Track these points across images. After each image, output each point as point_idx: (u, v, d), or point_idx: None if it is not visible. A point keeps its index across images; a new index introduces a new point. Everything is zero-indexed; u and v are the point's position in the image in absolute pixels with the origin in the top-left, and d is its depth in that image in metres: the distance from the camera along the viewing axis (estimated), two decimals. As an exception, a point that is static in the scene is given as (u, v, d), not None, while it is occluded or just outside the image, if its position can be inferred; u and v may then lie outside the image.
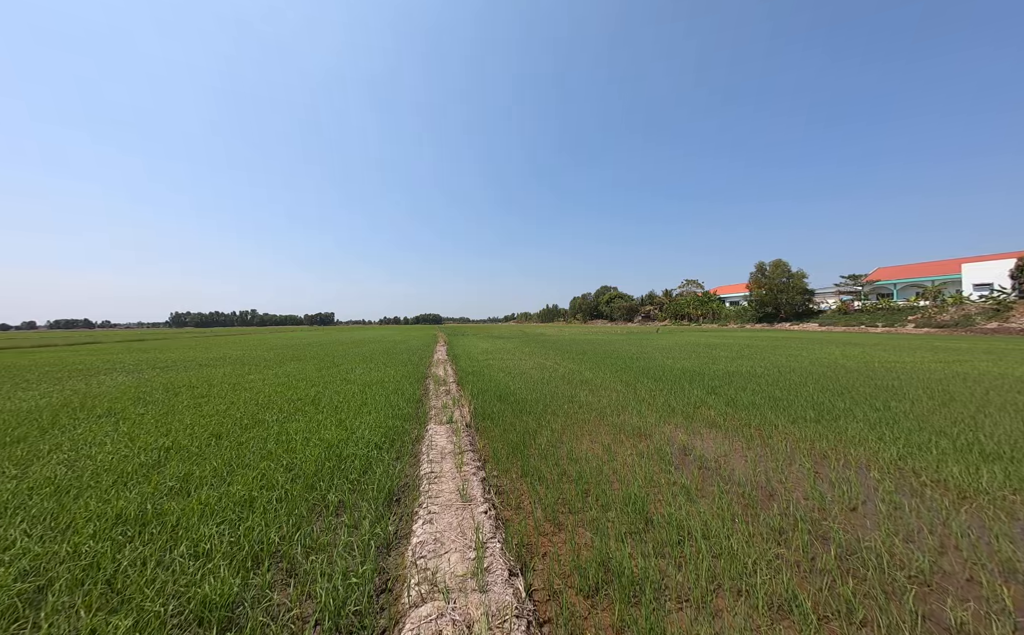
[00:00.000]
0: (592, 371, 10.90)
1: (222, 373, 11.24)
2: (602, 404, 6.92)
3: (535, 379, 9.62)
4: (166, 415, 6.11)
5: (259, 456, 4.14)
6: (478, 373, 10.52)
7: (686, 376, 9.91)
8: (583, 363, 12.79)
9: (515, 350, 18.50)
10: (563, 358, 14.74)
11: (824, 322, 59.96)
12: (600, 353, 16.44)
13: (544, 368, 11.61)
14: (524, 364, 12.78)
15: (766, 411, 6.29)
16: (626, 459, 4.30)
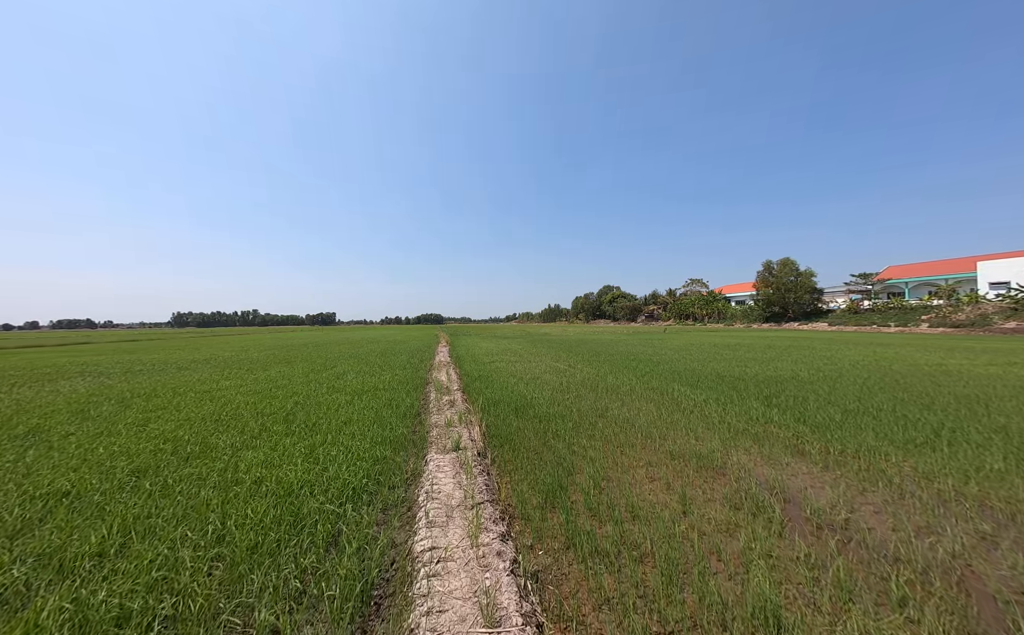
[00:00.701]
0: (615, 375, 9.61)
1: (197, 378, 9.97)
2: (642, 419, 5.62)
3: (553, 386, 8.33)
4: (98, 437, 4.84)
5: (181, 512, 2.85)
6: (486, 378, 9.24)
7: (725, 381, 8.60)
8: (601, 366, 11.49)
9: (523, 351, 17.22)
10: (576, 360, 13.45)
11: (834, 322, 58.51)
12: (614, 354, 15.14)
13: (559, 372, 10.31)
14: (536, 367, 11.49)
15: (854, 431, 4.99)
16: (710, 514, 3.01)
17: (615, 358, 13.78)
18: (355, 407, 6.22)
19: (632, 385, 8.32)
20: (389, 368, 11.17)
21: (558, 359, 13.87)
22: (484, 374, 9.88)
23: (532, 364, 12.24)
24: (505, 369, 10.99)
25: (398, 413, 5.84)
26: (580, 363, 12.50)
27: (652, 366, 11.34)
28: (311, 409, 6.11)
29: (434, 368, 11.84)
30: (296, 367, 11.89)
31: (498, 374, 9.97)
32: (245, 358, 15.60)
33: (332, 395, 7.23)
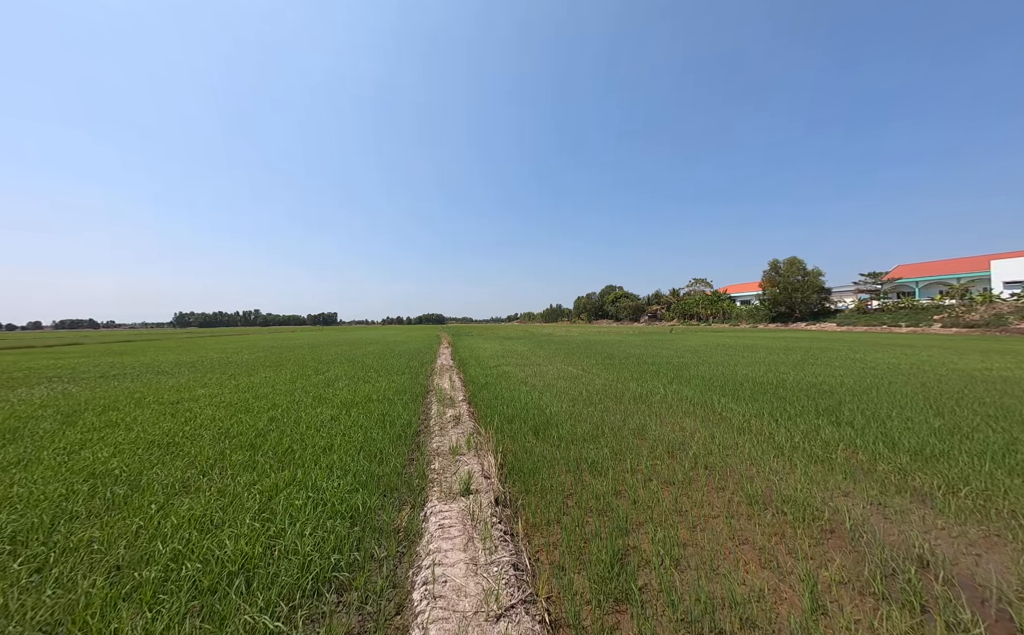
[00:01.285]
0: (638, 382, 8.56)
1: (172, 385, 8.95)
2: (694, 444, 4.56)
3: (572, 395, 7.27)
4: (8, 469, 3.81)
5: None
6: (494, 387, 8.19)
7: (766, 390, 7.55)
8: (619, 370, 10.44)
9: (530, 354, 16.17)
10: (590, 363, 12.40)
11: (843, 322, 57.43)
12: (628, 356, 14.07)
13: (575, 378, 9.26)
14: (547, 372, 10.45)
15: (964, 459, 3.94)
16: (861, 615, 1.97)
17: (630, 361, 12.72)
18: (341, 425, 5.17)
19: (663, 394, 7.26)
20: (386, 373, 10.13)
21: (569, 362, 12.81)
22: (491, 381, 8.83)
23: (542, 368, 11.19)
24: (514, 374, 9.94)
25: (392, 434, 4.79)
26: (595, 367, 11.45)
27: (676, 370, 10.28)
28: (287, 428, 5.06)
29: (435, 373, 10.80)
30: (284, 371, 10.86)
31: (507, 381, 8.92)
32: (234, 361, 14.58)
33: (317, 408, 6.18)
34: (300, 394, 7.42)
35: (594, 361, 12.87)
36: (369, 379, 9.14)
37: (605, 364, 12.12)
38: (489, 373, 10.05)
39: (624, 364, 11.93)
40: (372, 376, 9.59)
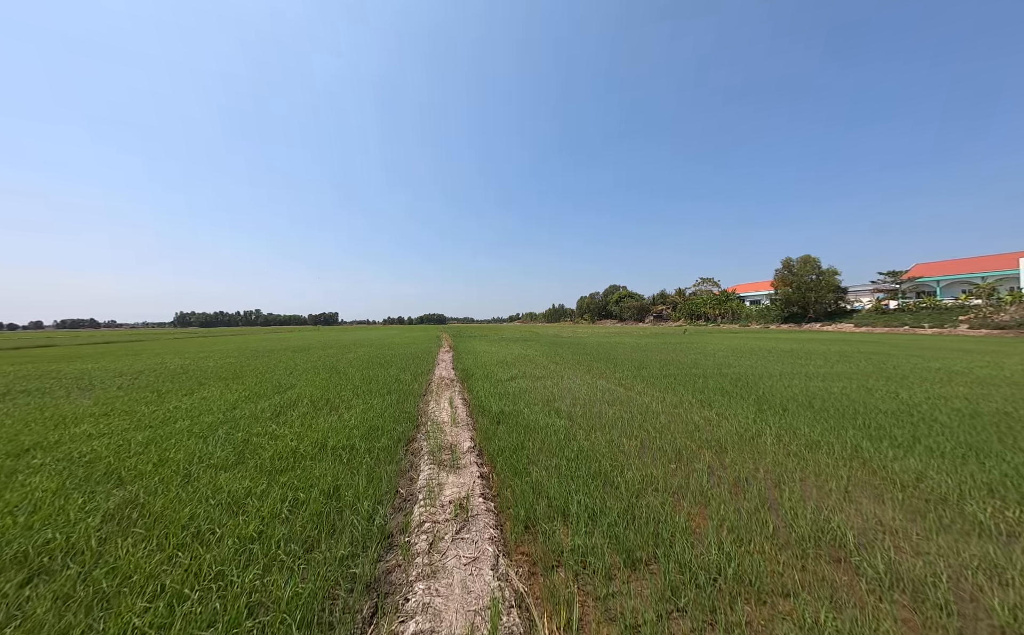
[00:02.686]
0: (709, 407, 6.11)
1: (70, 412, 6.53)
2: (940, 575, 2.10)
3: (634, 435, 4.79)
4: None
5: None
6: (513, 418, 5.72)
7: (900, 421, 5.10)
8: (667, 386, 7.98)
9: (544, 360, 13.70)
10: (624, 374, 9.95)
11: (860, 322, 54.97)
12: (665, 364, 11.57)
13: (620, 401, 6.80)
14: (576, 388, 8.00)
15: None
16: None
17: (671, 370, 10.26)
18: (260, 510, 2.75)
19: (773, 434, 4.81)
20: (366, 392, 7.67)
21: (597, 372, 10.35)
22: (508, 409, 6.34)
23: (568, 383, 8.73)
24: (535, 393, 7.48)
25: (331, 562, 2.36)
26: (633, 379, 8.99)
27: (744, 387, 7.81)
28: (164, 515, 2.63)
29: (432, 391, 8.33)
30: (236, 388, 8.41)
31: (529, 407, 6.45)
32: (192, 369, 12.15)
33: (230, 475, 3.72)
34: (227, 433, 4.96)
35: (627, 371, 10.40)
36: (340, 404, 6.69)
37: (641, 375, 9.66)
38: (502, 392, 7.59)
39: (667, 376, 9.47)
40: (346, 398, 7.13)
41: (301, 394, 7.52)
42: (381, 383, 8.75)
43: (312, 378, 9.62)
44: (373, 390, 7.89)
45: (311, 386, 8.40)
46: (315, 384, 8.65)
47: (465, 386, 8.78)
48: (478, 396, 7.26)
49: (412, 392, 7.86)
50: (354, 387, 8.22)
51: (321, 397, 7.19)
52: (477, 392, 7.63)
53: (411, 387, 8.37)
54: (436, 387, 8.70)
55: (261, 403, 6.76)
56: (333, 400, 6.97)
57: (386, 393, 7.58)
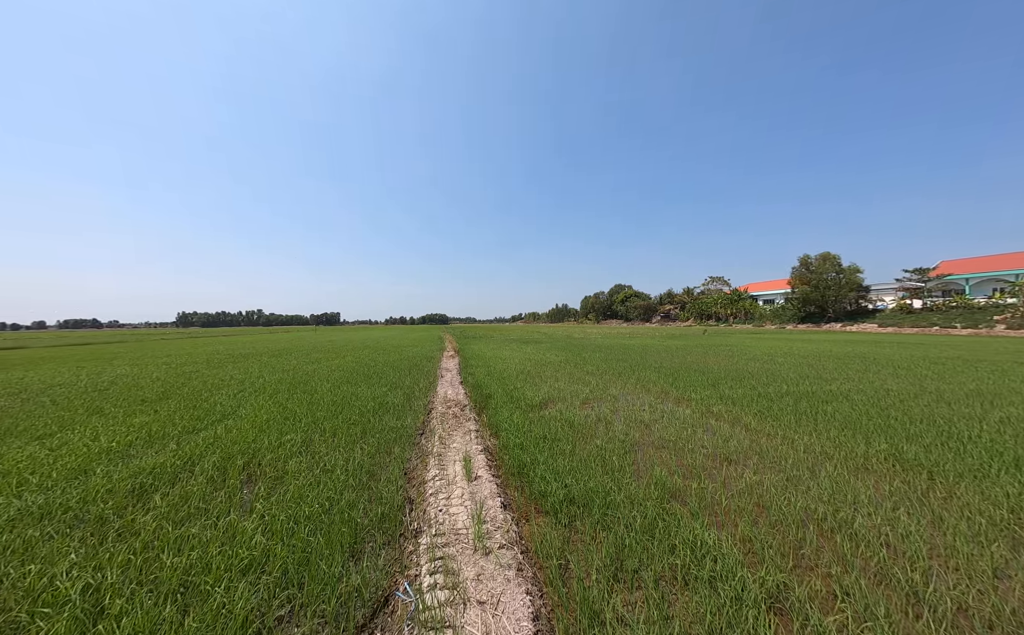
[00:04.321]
0: (831, 446, 3.28)
1: None
2: None
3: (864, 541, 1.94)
4: None
5: None
6: (601, 509, 2.84)
7: None
8: (773, 414, 5.11)
9: (571, 367, 10.78)
10: (687, 388, 7.08)
11: (885, 322, 51.99)
12: (730, 375, 8.65)
13: (740, 447, 3.93)
14: (649, 418, 5.09)
15: None
16: None
17: (763, 388, 7.34)
18: None
19: None
20: (327, 435, 4.78)
21: (654, 387, 7.45)
22: (578, 483, 3.41)
23: (632, 409, 5.83)
24: (600, 436, 4.56)
25: None
26: (723, 404, 6.07)
27: (935, 430, 4.91)
28: None
29: (433, 430, 5.39)
30: (134, 422, 5.53)
31: (612, 474, 3.52)
32: (125, 380, 9.31)
33: None
34: (110, 497, 2.16)
35: (696, 387, 7.47)
36: (263, 470, 3.79)
37: (723, 393, 6.78)
38: (547, 435, 4.69)
39: (762, 396, 6.58)
40: (286, 452, 4.24)
41: (219, 440, 4.61)
42: (357, 413, 5.86)
43: (263, 402, 6.74)
44: (340, 429, 4.98)
45: (249, 421, 5.50)
46: (257, 417, 5.76)
47: (483, 419, 5.88)
48: (511, 446, 4.35)
49: (401, 435, 4.92)
50: (312, 423, 5.32)
51: (247, 449, 4.28)
52: (507, 436, 4.72)
53: (400, 424, 5.44)
54: (440, 421, 5.77)
55: (131, 464, 3.87)
56: (261, 455, 4.06)
57: (359, 438, 4.68)
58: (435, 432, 5.11)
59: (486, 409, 6.34)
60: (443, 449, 4.46)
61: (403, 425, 5.32)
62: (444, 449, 4.46)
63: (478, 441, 4.75)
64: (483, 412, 6.24)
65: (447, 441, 4.75)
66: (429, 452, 4.38)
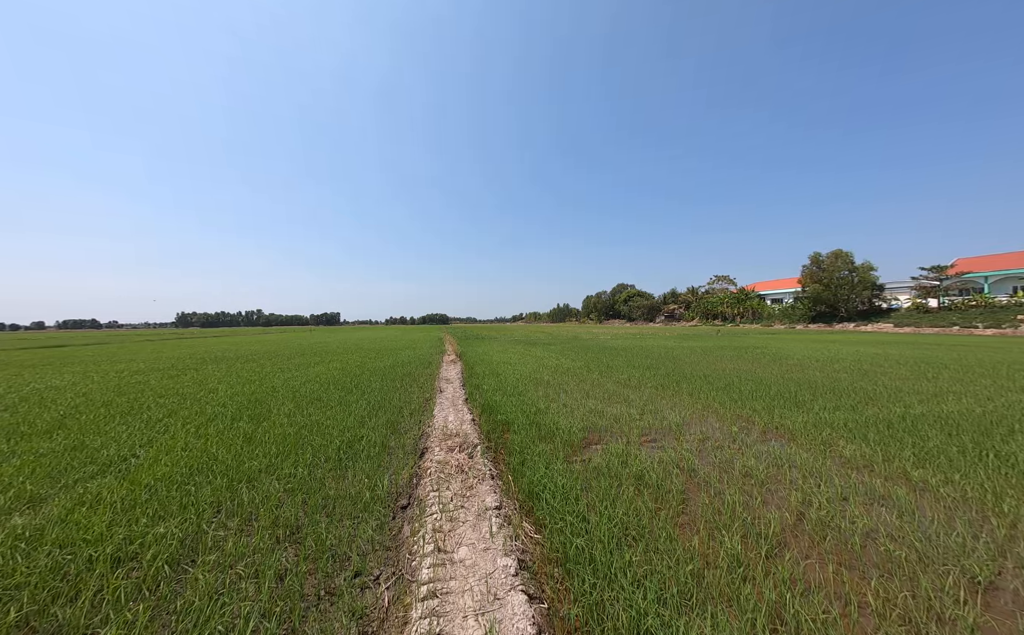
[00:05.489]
0: None
1: None
2: None
3: None
4: None
5: None
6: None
7: None
8: (868, 438, 3.12)
9: (598, 377, 8.76)
10: (747, 405, 5.05)
11: (901, 322, 50.07)
12: (787, 387, 6.60)
13: (840, 492, 1.95)
14: (723, 448, 3.08)
15: None
16: None
17: (840, 403, 5.32)
18: None
19: None
20: (249, 506, 2.81)
21: (723, 410, 5.35)
22: (693, 591, 1.42)
23: (704, 437, 3.83)
24: (686, 487, 2.59)
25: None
26: (813, 428, 4.03)
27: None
28: None
29: (421, 503, 3.35)
30: (27, 456, 3.54)
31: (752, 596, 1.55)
32: (51, 397, 7.30)
33: None
34: None
35: (768, 405, 5.43)
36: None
37: (810, 415, 4.76)
38: (620, 511, 2.71)
39: (888, 429, 4.54)
40: (162, 560, 2.27)
41: (75, 516, 2.61)
42: (305, 469, 3.84)
43: (184, 438, 4.71)
44: (262, 505, 2.94)
45: (133, 480, 3.47)
46: (153, 469, 3.71)
47: (506, 477, 3.83)
48: (569, 554, 2.33)
49: (365, 527, 2.87)
50: (227, 485, 3.28)
51: (52, 570, 2.28)
52: (554, 520, 2.69)
53: (371, 494, 3.34)
54: (436, 483, 3.65)
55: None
56: (77, 581, 2.06)
57: (284, 540, 2.65)
58: (426, 510, 3.03)
59: (506, 451, 4.31)
60: (443, 569, 2.40)
61: (374, 495, 3.25)
62: (444, 569, 2.40)
63: (505, 532, 2.70)
64: (502, 458, 4.20)
65: (449, 537, 2.69)
66: (415, 577, 2.34)
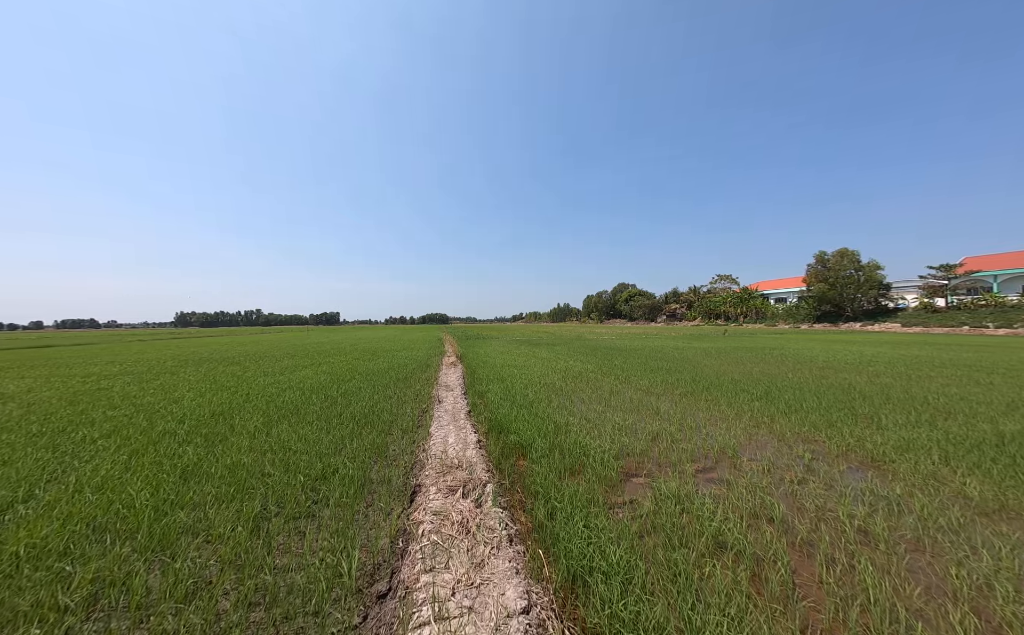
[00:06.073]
0: None
1: None
2: None
3: None
4: None
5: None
6: None
7: None
8: (991, 476, 2.09)
9: (612, 381, 7.72)
10: (805, 421, 3.97)
11: (909, 322, 49.10)
12: (839, 396, 5.56)
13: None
14: (816, 494, 2.09)
15: None
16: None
17: (917, 419, 4.32)
18: None
19: None
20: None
21: (760, 419, 4.32)
22: None
23: (779, 469, 2.80)
24: (800, 559, 1.54)
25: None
26: (918, 459, 3.04)
27: None
28: None
29: (408, 591, 2.41)
30: None
31: None
32: None
33: None
34: None
35: (831, 419, 4.41)
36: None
37: (893, 436, 3.76)
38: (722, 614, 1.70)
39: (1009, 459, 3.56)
40: None
41: None
42: (268, 500, 2.83)
43: (110, 469, 3.69)
44: (180, 580, 1.94)
45: (26, 532, 2.48)
46: (41, 524, 2.71)
47: (540, 557, 2.77)
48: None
49: (323, 629, 1.87)
50: (149, 543, 2.29)
51: None
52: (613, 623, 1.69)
53: (335, 567, 2.31)
54: (430, 552, 2.58)
55: None
56: None
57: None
58: (414, 613, 1.99)
59: (524, 490, 3.29)
60: None
61: (338, 581, 2.21)
62: None
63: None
64: (521, 502, 3.18)
65: None
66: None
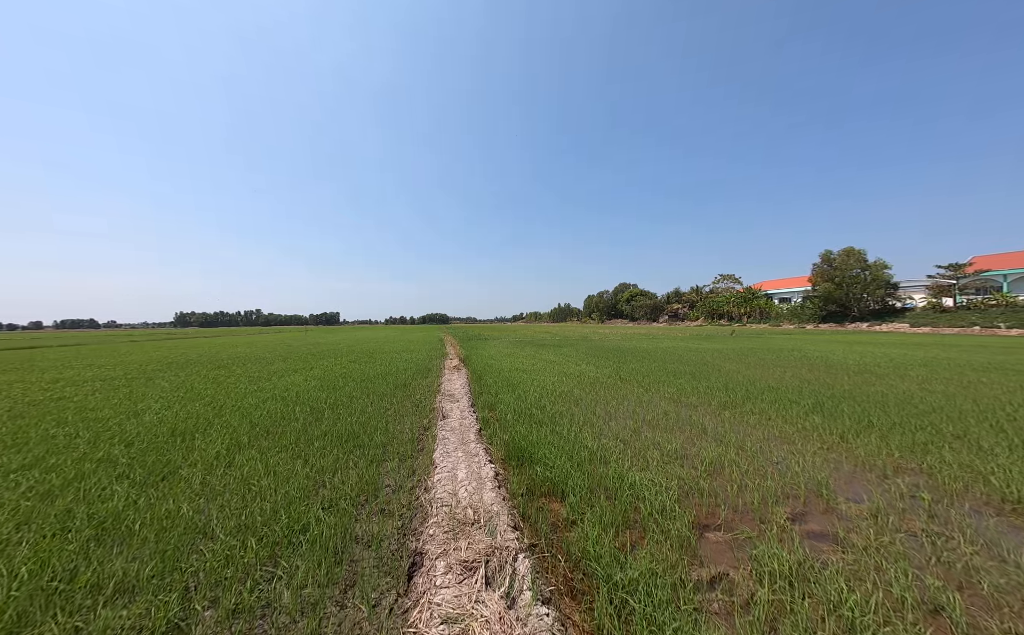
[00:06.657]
0: None
1: None
2: None
3: None
4: None
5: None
6: None
7: None
8: None
9: (632, 388, 6.82)
10: (892, 448, 3.17)
11: (918, 322, 48.25)
12: (910, 413, 4.69)
13: None
14: None
15: None
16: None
17: None
18: None
19: None
20: None
21: (835, 446, 3.37)
22: None
23: (906, 533, 1.93)
24: None
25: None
26: None
27: None
28: None
29: None
30: None
31: None
32: None
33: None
34: None
35: (922, 442, 3.54)
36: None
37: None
38: None
39: None
40: None
41: None
42: (194, 595, 1.93)
43: (10, 509, 2.81)
44: None
45: None
46: None
47: None
48: None
49: None
50: None
51: None
52: None
53: None
54: None
55: None
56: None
57: None
58: None
59: (569, 559, 2.37)
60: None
61: None
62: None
63: None
64: (567, 582, 2.25)
65: None
66: None
